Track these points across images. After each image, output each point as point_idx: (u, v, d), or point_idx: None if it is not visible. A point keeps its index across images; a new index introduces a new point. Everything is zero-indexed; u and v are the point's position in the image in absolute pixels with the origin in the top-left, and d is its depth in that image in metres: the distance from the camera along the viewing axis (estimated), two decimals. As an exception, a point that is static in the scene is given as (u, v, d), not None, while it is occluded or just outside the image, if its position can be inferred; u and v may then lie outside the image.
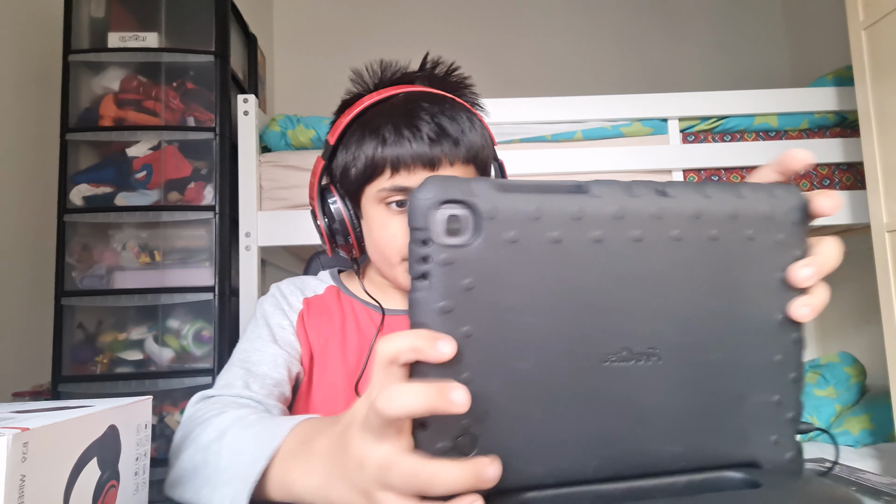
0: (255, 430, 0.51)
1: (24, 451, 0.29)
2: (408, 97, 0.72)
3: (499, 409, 0.33)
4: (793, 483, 0.36)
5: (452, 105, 0.73)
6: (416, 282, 0.32)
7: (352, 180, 0.73)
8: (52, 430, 0.31)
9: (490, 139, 0.76)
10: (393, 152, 0.69)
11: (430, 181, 0.32)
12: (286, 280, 0.84)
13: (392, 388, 0.31)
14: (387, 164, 0.69)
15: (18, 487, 0.28)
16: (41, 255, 1.59)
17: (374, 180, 0.71)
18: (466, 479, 0.31)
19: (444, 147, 0.69)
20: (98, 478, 0.35)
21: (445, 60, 0.78)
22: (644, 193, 0.34)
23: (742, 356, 0.37)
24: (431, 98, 0.72)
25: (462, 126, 0.71)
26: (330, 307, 0.79)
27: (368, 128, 0.71)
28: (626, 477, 0.36)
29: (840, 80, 1.74)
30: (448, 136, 0.69)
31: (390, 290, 0.80)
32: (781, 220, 0.36)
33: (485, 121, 0.77)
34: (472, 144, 0.71)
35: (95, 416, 0.35)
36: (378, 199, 0.71)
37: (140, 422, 0.41)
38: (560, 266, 0.33)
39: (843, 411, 1.69)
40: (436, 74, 0.77)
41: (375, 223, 0.72)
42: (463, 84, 0.78)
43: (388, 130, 0.69)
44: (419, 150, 0.68)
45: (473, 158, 0.72)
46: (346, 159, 0.73)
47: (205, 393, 0.67)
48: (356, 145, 0.71)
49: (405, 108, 0.71)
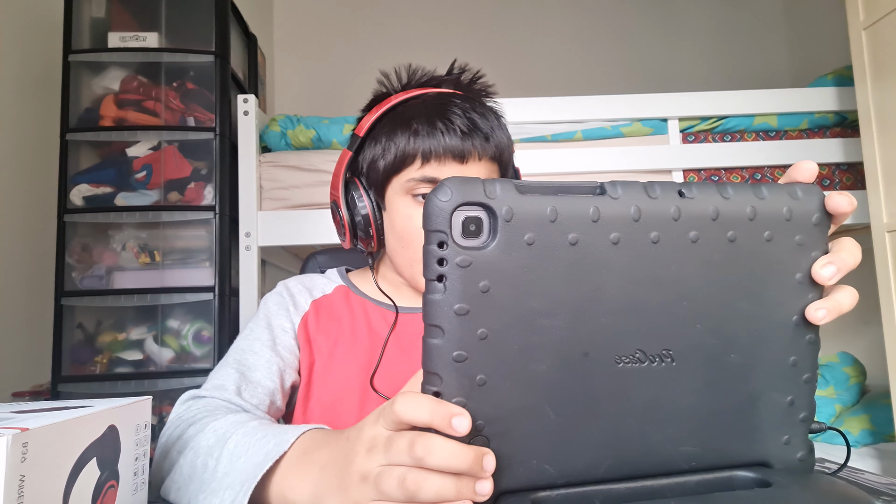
0: (259, 436, 0.51)
1: (23, 451, 0.29)
2: (439, 95, 0.74)
3: (513, 411, 0.33)
4: (803, 482, 0.36)
5: (482, 104, 0.75)
6: (431, 283, 0.32)
7: (379, 172, 0.73)
8: (51, 430, 0.31)
9: (512, 145, 0.77)
10: (425, 143, 0.69)
11: (446, 183, 0.32)
12: (294, 278, 0.84)
13: (410, 396, 0.34)
14: (417, 155, 0.70)
15: (18, 487, 0.28)
16: (41, 255, 1.59)
17: (403, 171, 0.71)
18: (465, 460, 0.32)
19: (475, 141, 0.70)
20: (97, 478, 0.35)
21: (471, 68, 0.80)
22: (662, 194, 0.34)
23: (757, 357, 0.37)
24: (462, 97, 0.74)
25: (491, 123, 0.73)
26: (339, 308, 0.78)
27: (400, 120, 0.72)
28: (637, 477, 0.36)
29: (840, 79, 1.74)
30: (479, 130, 0.71)
31: (404, 288, 0.79)
32: (801, 221, 0.36)
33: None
34: (500, 142, 0.73)
35: (95, 416, 0.35)
36: (405, 191, 0.71)
37: (139, 422, 0.41)
38: (576, 268, 0.33)
39: (843, 411, 1.69)
40: (462, 80, 0.79)
41: (400, 215, 0.72)
42: (486, 92, 0.80)
43: (421, 122, 0.70)
44: (451, 142, 0.69)
45: (499, 157, 0.73)
46: (374, 152, 0.73)
47: (195, 392, 0.66)
48: (386, 137, 0.72)
49: (437, 103, 0.72)
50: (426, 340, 0.33)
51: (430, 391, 0.33)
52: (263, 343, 0.73)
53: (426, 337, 0.33)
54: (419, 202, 0.71)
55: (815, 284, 0.37)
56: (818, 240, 0.36)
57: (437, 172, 0.70)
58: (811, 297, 0.37)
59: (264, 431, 0.51)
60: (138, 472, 0.41)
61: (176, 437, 0.58)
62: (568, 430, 0.34)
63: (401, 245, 0.73)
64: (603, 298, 0.34)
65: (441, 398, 0.33)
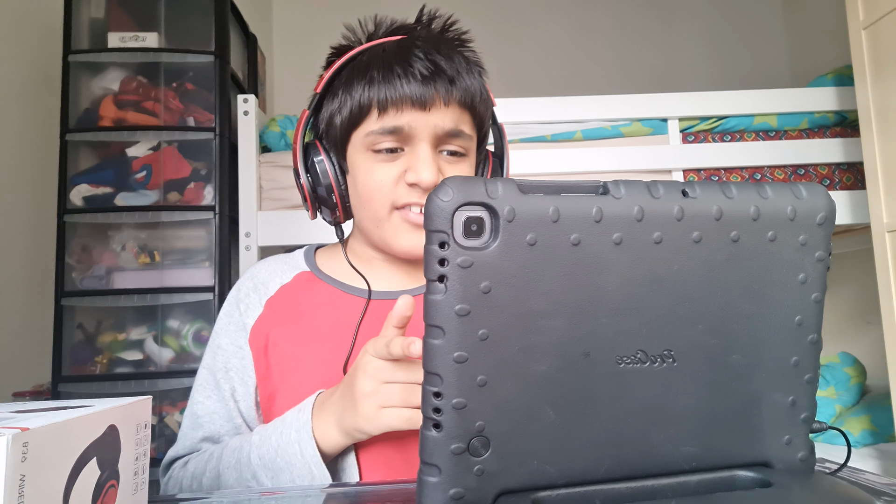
0: (274, 427, 0.61)
1: (23, 451, 0.28)
2: (402, 40, 0.67)
3: (513, 411, 0.33)
4: (803, 482, 0.36)
5: (449, 46, 0.67)
6: (432, 284, 0.32)
7: (337, 129, 0.67)
8: (51, 430, 0.31)
9: (489, 95, 0.70)
10: (380, 92, 0.63)
11: (447, 182, 0.32)
12: (249, 273, 0.76)
13: (381, 341, 0.53)
14: (373, 105, 0.63)
15: (18, 487, 0.28)
16: (41, 256, 1.59)
17: (360, 124, 0.65)
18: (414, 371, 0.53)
19: (438, 86, 0.63)
20: (98, 478, 0.35)
21: (444, 13, 0.71)
22: (665, 194, 0.34)
23: (759, 358, 0.37)
24: (426, 39, 0.67)
25: (458, 66, 0.65)
26: (300, 302, 0.71)
27: (357, 71, 0.65)
28: (637, 477, 0.36)
29: (840, 79, 1.73)
30: (443, 73, 0.63)
31: (377, 263, 0.72)
32: (805, 221, 0.36)
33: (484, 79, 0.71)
34: (469, 87, 0.66)
35: (95, 416, 0.35)
36: (365, 146, 0.65)
37: (140, 422, 0.41)
38: (578, 269, 0.33)
39: (844, 412, 1.69)
40: (433, 29, 0.71)
41: (361, 171, 0.66)
42: (461, 41, 0.71)
43: (378, 70, 0.63)
44: (410, 88, 0.62)
45: (469, 104, 0.66)
46: (331, 108, 0.67)
47: (177, 459, 0.69)
48: (343, 90, 0.66)
49: (398, 49, 0.65)
50: (427, 341, 0.33)
51: (431, 391, 0.33)
52: (210, 391, 0.70)
53: (427, 337, 0.33)
54: (381, 156, 0.65)
55: (817, 285, 0.37)
56: (822, 240, 0.36)
57: (396, 121, 0.63)
58: (814, 298, 0.37)
59: (277, 422, 0.61)
60: (138, 471, 0.40)
61: (189, 485, 0.62)
62: (568, 430, 0.34)
63: (363, 205, 0.67)
64: (604, 299, 0.34)
65: (441, 399, 0.33)
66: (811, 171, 1.69)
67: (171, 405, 1.57)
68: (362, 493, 0.51)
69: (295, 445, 0.57)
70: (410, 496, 0.47)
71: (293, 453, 0.57)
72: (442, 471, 0.33)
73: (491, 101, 0.71)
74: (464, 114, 0.66)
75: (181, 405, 1.57)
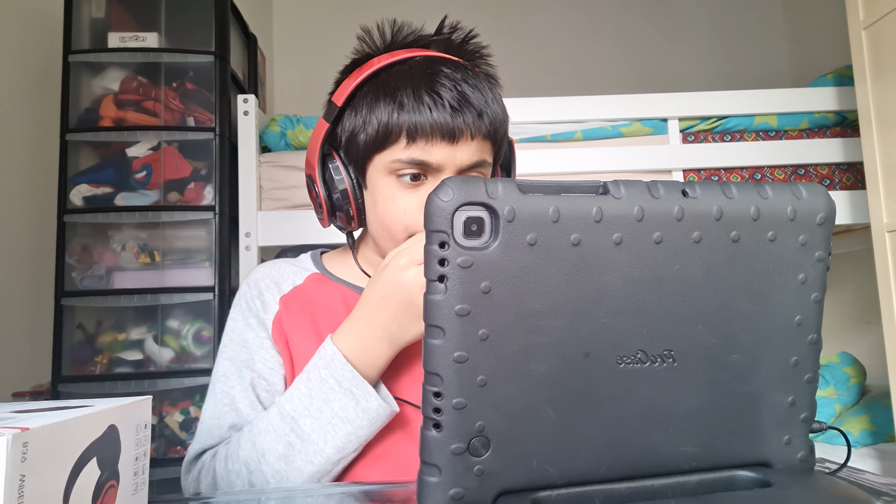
0: (297, 381, 0.62)
1: (23, 451, 0.29)
2: (428, 60, 0.66)
3: (514, 411, 0.33)
4: (803, 482, 0.36)
5: (475, 74, 0.67)
6: (432, 284, 0.32)
7: (360, 147, 0.67)
8: (51, 430, 0.31)
9: (507, 116, 0.71)
10: (411, 119, 0.63)
11: (448, 182, 0.32)
12: (262, 269, 0.77)
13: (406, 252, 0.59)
14: (402, 132, 0.63)
15: (18, 487, 0.28)
16: (41, 256, 1.59)
17: (386, 149, 0.65)
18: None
19: (467, 118, 0.63)
20: (98, 478, 0.35)
21: (464, 26, 0.72)
22: (666, 194, 0.34)
23: (759, 357, 0.37)
24: (453, 64, 0.66)
25: (485, 96, 0.65)
26: (313, 300, 0.72)
27: (383, 90, 0.65)
28: (637, 477, 0.36)
29: (840, 79, 1.73)
30: (471, 105, 0.64)
31: None
32: (805, 221, 0.36)
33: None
34: (495, 117, 0.66)
35: (95, 416, 0.35)
36: (389, 171, 0.65)
37: (140, 422, 0.41)
38: (578, 269, 0.33)
39: (843, 412, 1.69)
40: (452, 41, 0.71)
41: (382, 195, 0.66)
42: (480, 54, 0.72)
43: (407, 94, 0.63)
44: (440, 118, 0.62)
45: (493, 134, 0.67)
46: (354, 123, 0.67)
47: (205, 451, 0.65)
48: (368, 108, 0.65)
49: (425, 71, 0.65)
50: (427, 341, 0.33)
51: (431, 392, 0.33)
52: (245, 384, 0.68)
53: (427, 337, 0.33)
54: (404, 184, 0.65)
55: (817, 285, 0.37)
56: (822, 240, 0.36)
57: (426, 155, 0.63)
58: (814, 298, 0.37)
59: (297, 379, 0.62)
60: (138, 471, 0.40)
61: (217, 480, 0.60)
62: (568, 430, 0.34)
63: (382, 228, 0.68)
64: (604, 299, 0.34)
65: (442, 399, 0.33)
66: (811, 171, 1.69)
67: (172, 405, 1.57)
68: (362, 493, 0.52)
69: (329, 380, 0.59)
70: (410, 496, 0.47)
71: (329, 388, 0.59)
72: (442, 471, 0.33)
73: (508, 121, 0.72)
74: (486, 144, 0.67)
75: (181, 405, 1.57)
